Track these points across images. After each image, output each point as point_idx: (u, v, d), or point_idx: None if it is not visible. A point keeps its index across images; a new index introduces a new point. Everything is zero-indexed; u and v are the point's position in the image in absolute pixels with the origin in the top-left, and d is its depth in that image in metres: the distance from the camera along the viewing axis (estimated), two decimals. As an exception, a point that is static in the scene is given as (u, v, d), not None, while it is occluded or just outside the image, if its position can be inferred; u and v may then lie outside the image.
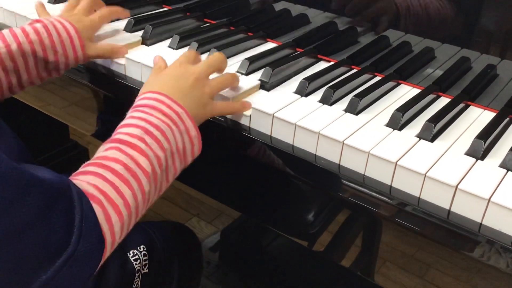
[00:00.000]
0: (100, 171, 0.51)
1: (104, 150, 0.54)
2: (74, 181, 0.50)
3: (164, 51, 0.80)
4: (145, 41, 0.82)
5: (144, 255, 0.75)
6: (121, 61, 0.77)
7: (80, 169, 0.52)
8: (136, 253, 0.75)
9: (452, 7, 0.75)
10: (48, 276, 0.44)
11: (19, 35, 0.69)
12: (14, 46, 0.69)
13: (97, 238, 0.48)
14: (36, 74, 0.72)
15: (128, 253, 0.74)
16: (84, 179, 0.50)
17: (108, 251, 0.50)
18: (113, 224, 0.49)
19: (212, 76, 0.67)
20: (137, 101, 0.60)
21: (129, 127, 0.56)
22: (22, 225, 0.42)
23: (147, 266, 0.75)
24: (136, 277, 0.74)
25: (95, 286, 0.70)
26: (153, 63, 0.69)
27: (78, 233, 0.45)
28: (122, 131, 0.56)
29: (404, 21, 0.79)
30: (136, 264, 0.74)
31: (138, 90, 0.64)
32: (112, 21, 0.87)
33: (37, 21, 0.72)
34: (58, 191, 0.45)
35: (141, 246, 0.76)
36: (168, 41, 0.82)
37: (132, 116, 0.57)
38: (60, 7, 0.94)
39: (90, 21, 0.77)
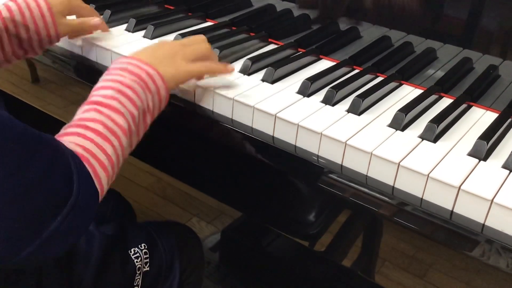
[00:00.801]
0: (82, 131, 0.55)
1: (82, 112, 0.57)
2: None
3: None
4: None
5: (145, 253, 0.76)
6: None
7: (62, 131, 0.55)
8: (137, 251, 0.75)
9: (454, 7, 0.75)
10: (56, 223, 0.47)
11: None
12: None
13: (92, 188, 0.52)
14: (11, 51, 0.73)
15: (129, 251, 0.75)
16: (68, 139, 0.54)
17: (99, 201, 0.54)
18: (101, 178, 0.54)
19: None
20: (110, 66, 0.63)
21: (102, 89, 0.59)
22: (34, 179, 0.46)
23: (148, 264, 0.76)
24: (137, 274, 0.74)
25: (97, 282, 0.70)
26: None
27: (77, 184, 0.49)
28: (96, 94, 0.59)
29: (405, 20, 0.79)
30: (137, 261, 0.74)
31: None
32: (113, 21, 0.87)
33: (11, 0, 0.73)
34: (57, 148, 0.49)
35: (142, 245, 0.76)
36: (170, 41, 0.82)
37: (105, 79, 0.61)
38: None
39: None
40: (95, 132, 0.55)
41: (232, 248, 1.35)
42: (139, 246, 0.76)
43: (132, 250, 0.75)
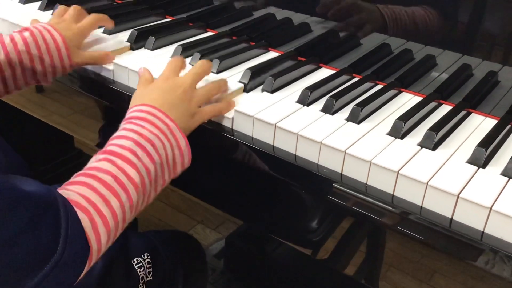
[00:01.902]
0: (91, 181, 0.53)
1: (96, 161, 0.56)
2: (65, 191, 0.52)
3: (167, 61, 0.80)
4: (148, 52, 0.83)
5: (148, 262, 0.76)
6: (125, 73, 0.77)
7: (72, 179, 0.54)
8: (140, 261, 0.76)
9: (453, 14, 0.75)
10: (35, 282, 0.46)
11: (8, 44, 0.71)
12: (1, 55, 0.70)
13: (82, 246, 0.50)
14: (24, 82, 0.74)
15: (132, 261, 0.75)
16: (74, 189, 0.52)
17: (94, 258, 0.52)
18: (100, 234, 0.52)
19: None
20: (129, 113, 0.62)
21: (120, 139, 0.58)
22: (12, 235, 0.45)
23: (151, 273, 0.76)
24: (141, 284, 0.75)
25: None
26: (138, 75, 0.70)
27: (63, 242, 0.48)
28: (113, 143, 0.58)
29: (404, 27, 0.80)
30: (140, 271, 0.75)
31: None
32: (113, 33, 0.88)
33: (26, 29, 0.73)
34: (45, 203, 0.48)
35: (145, 254, 0.77)
36: (171, 52, 0.83)
37: (125, 128, 0.59)
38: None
39: (78, 28, 0.78)
40: (104, 184, 0.53)
41: (236, 255, 1.35)
42: (142, 255, 0.77)
43: (135, 260, 0.76)
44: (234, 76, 0.76)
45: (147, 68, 0.70)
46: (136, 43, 0.85)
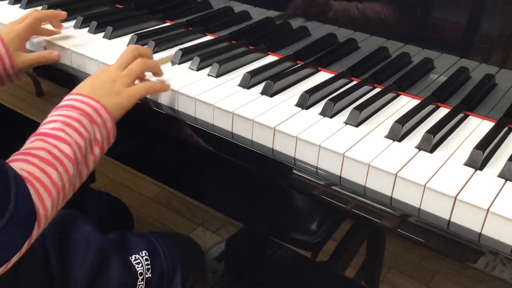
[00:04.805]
0: (27, 158, 0.57)
1: (29, 143, 0.60)
2: None
3: (168, 66, 0.81)
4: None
5: (146, 259, 0.77)
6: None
7: (9, 159, 0.58)
8: (138, 257, 0.77)
9: (451, 17, 0.76)
10: None
11: None
12: None
13: (30, 208, 0.54)
14: None
15: (130, 257, 0.76)
16: (13, 165, 0.56)
17: (42, 223, 0.56)
18: (44, 200, 0.56)
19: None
20: (57, 105, 0.66)
21: (50, 123, 0.63)
22: None
23: (150, 270, 0.77)
24: (140, 280, 0.75)
25: (95, 284, 0.72)
26: None
27: (14, 202, 0.51)
28: (44, 127, 0.62)
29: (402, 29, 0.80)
30: (138, 267, 0.76)
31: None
32: (114, 38, 0.89)
33: None
34: None
35: (143, 252, 0.78)
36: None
37: (52, 115, 0.64)
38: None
39: (17, 30, 0.79)
40: (39, 158, 0.57)
41: (237, 258, 1.36)
42: (140, 253, 0.78)
43: (133, 256, 0.77)
44: (233, 80, 0.77)
45: None
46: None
